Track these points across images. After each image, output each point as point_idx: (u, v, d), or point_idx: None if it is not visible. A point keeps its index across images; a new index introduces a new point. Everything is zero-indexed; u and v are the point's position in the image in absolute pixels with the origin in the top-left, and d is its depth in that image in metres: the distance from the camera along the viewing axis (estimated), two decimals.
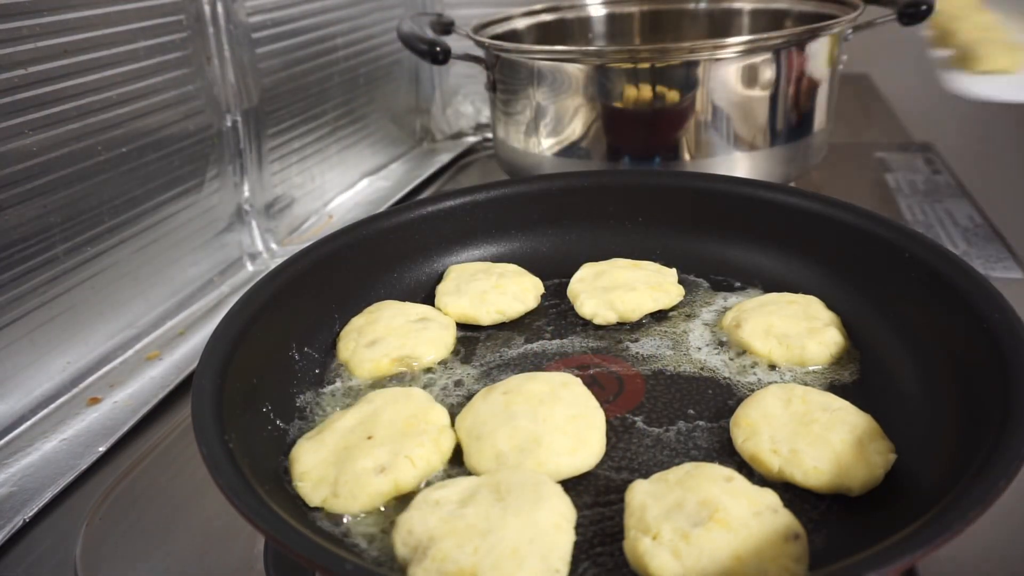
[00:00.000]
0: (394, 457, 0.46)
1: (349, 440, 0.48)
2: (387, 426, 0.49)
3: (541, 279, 0.68)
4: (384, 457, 0.46)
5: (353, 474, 0.46)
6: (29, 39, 0.61)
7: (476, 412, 0.50)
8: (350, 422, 0.50)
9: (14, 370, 0.63)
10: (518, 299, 0.64)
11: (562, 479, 0.46)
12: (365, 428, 0.49)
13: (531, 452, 0.47)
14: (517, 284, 0.65)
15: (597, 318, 0.62)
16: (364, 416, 0.50)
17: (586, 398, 0.51)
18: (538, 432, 0.48)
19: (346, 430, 0.49)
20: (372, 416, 0.50)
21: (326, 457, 0.47)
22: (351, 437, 0.48)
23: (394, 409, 0.50)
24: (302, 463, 0.47)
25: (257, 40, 0.88)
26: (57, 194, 0.65)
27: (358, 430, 0.49)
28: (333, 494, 0.45)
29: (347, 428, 0.49)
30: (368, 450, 0.47)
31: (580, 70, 0.81)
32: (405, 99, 1.24)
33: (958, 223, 0.91)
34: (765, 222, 0.66)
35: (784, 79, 0.81)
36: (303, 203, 1.00)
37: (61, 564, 0.51)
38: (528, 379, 0.52)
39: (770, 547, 0.38)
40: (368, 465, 0.46)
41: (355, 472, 0.46)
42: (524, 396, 0.50)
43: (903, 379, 0.52)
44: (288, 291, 0.57)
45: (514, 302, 0.64)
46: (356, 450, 0.47)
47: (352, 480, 0.45)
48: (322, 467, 0.47)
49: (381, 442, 0.47)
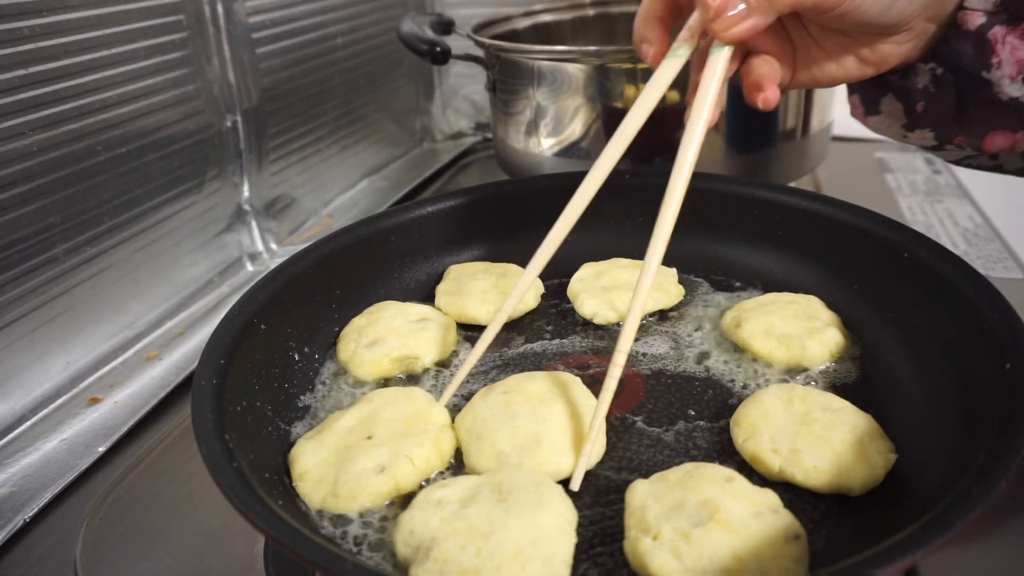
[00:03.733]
0: (394, 457, 0.46)
1: (349, 440, 0.48)
2: (387, 426, 0.49)
3: (541, 279, 0.67)
4: (384, 457, 0.46)
5: (353, 474, 0.46)
6: (29, 39, 0.61)
7: (476, 412, 0.50)
8: (350, 422, 0.50)
9: (14, 370, 0.63)
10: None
11: (563, 478, 0.46)
12: (365, 428, 0.49)
13: (532, 451, 0.47)
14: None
15: (597, 318, 0.62)
16: (364, 416, 0.50)
17: (586, 397, 0.51)
18: (539, 431, 0.48)
19: (346, 430, 0.49)
20: (372, 416, 0.50)
21: (326, 457, 0.47)
22: (351, 437, 0.48)
23: (394, 409, 0.50)
24: (302, 463, 0.47)
25: (257, 40, 0.88)
26: (57, 194, 0.65)
27: (358, 430, 0.49)
28: (333, 494, 0.45)
29: (347, 428, 0.49)
30: (368, 450, 0.47)
31: (580, 70, 0.81)
32: (405, 99, 1.24)
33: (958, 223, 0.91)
34: (765, 222, 0.66)
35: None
36: (303, 203, 1.00)
37: (61, 564, 0.51)
38: (528, 379, 0.52)
39: (770, 547, 0.38)
40: (368, 465, 0.46)
41: (355, 472, 0.46)
42: (524, 396, 0.50)
43: (903, 379, 0.52)
44: (288, 291, 0.57)
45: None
46: (356, 450, 0.47)
47: (352, 480, 0.45)
48: (322, 467, 0.47)
49: (381, 442, 0.47)
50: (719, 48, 0.48)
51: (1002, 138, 0.52)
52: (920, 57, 0.52)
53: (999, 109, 0.50)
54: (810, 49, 0.53)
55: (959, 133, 0.54)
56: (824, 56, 0.52)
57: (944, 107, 0.53)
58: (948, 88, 0.52)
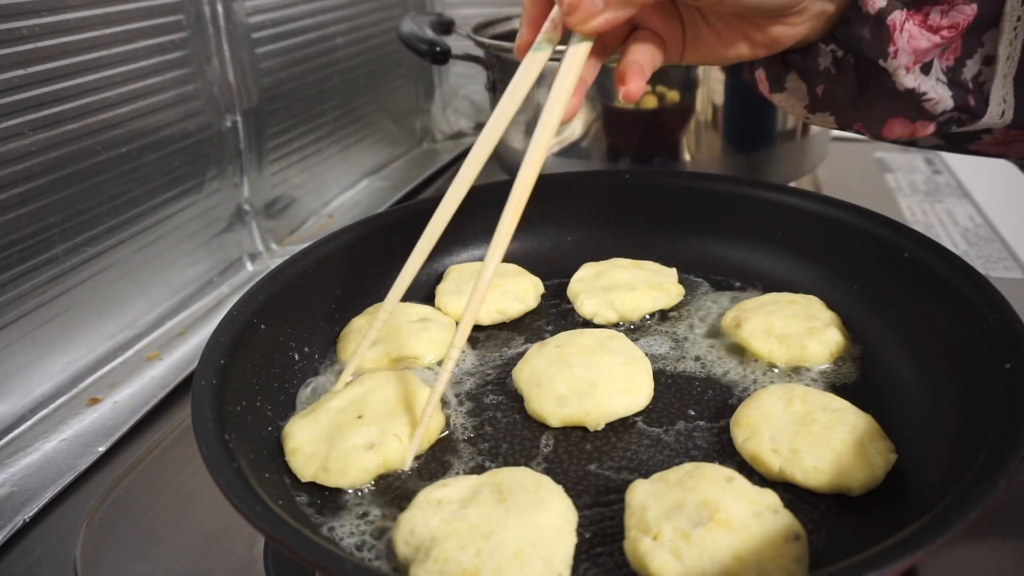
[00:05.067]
0: (383, 435, 0.48)
1: (340, 419, 0.50)
2: (377, 406, 0.51)
3: (541, 279, 0.67)
4: (373, 435, 0.48)
5: (343, 450, 0.47)
6: (29, 39, 0.61)
7: (532, 364, 0.54)
8: (342, 402, 0.51)
9: (14, 370, 0.63)
10: (518, 299, 0.64)
11: (617, 419, 0.51)
12: (356, 408, 0.51)
13: (589, 395, 0.51)
14: (517, 284, 0.65)
15: (597, 318, 0.63)
16: (356, 397, 0.52)
17: (632, 348, 0.55)
18: (593, 377, 0.52)
19: (338, 410, 0.51)
20: (363, 397, 0.52)
21: (318, 434, 0.49)
22: (342, 416, 0.50)
23: (384, 391, 0.52)
24: (294, 439, 0.49)
25: (257, 40, 0.88)
26: (57, 194, 0.65)
27: (349, 410, 0.51)
28: (324, 469, 0.47)
29: (339, 408, 0.51)
30: (358, 428, 0.49)
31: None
32: (405, 99, 1.24)
33: (958, 223, 0.91)
34: (765, 222, 0.66)
35: None
36: (303, 203, 1.00)
37: (61, 564, 0.51)
38: (577, 334, 0.57)
39: (771, 548, 0.38)
40: (358, 442, 0.48)
41: (345, 449, 0.47)
42: (576, 348, 0.55)
43: (903, 379, 0.52)
44: (288, 291, 0.57)
45: (514, 302, 0.64)
46: (347, 428, 0.49)
47: (342, 456, 0.47)
48: (314, 443, 0.48)
49: (371, 421, 0.49)
50: (578, 41, 0.47)
51: (900, 126, 0.50)
52: (821, 37, 0.49)
53: (897, 97, 0.48)
54: (699, 28, 0.50)
55: (858, 119, 0.52)
56: (713, 36, 0.50)
57: (845, 90, 0.50)
58: (849, 71, 0.49)
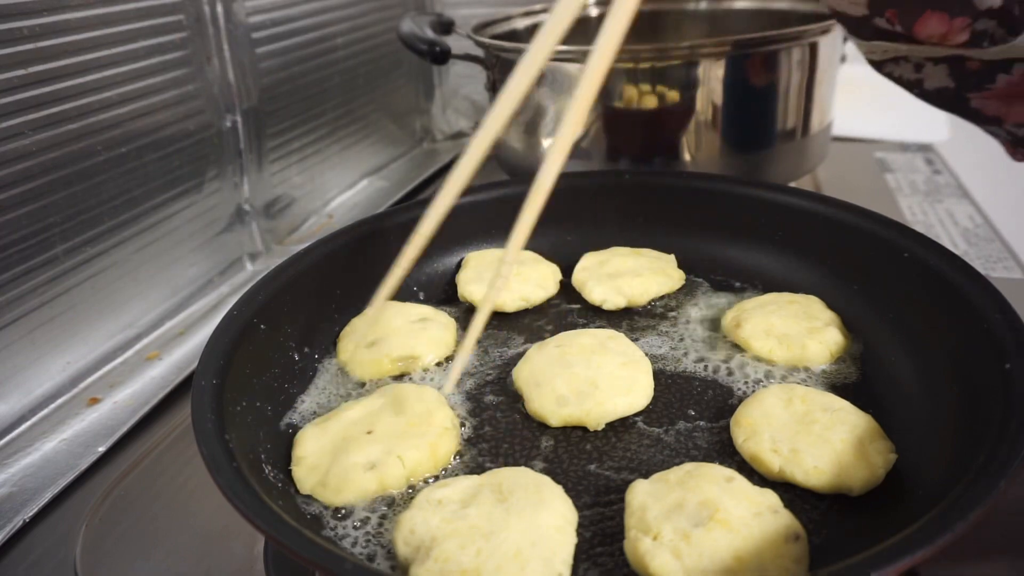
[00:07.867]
0: (387, 456, 0.47)
1: (350, 432, 0.49)
2: (390, 423, 0.50)
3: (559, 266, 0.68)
4: (376, 455, 0.47)
5: (343, 468, 0.47)
6: (29, 39, 0.61)
7: (533, 363, 0.54)
8: (358, 413, 0.51)
9: (14, 370, 0.63)
10: (540, 286, 0.65)
11: (617, 418, 0.51)
12: (368, 422, 0.50)
13: (589, 394, 0.51)
14: (537, 271, 0.66)
15: (607, 304, 0.64)
16: (371, 410, 0.51)
17: (632, 348, 0.55)
18: (594, 377, 0.52)
19: (351, 421, 0.50)
20: (378, 411, 0.51)
21: (325, 445, 0.49)
22: (353, 429, 0.50)
23: (401, 406, 0.51)
24: (302, 447, 0.49)
25: (257, 40, 0.88)
26: (57, 194, 0.65)
27: (361, 423, 0.50)
28: (322, 484, 0.46)
29: (352, 420, 0.50)
30: (364, 445, 0.48)
31: (580, 70, 0.80)
32: (405, 99, 1.24)
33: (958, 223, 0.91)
34: (765, 222, 0.66)
35: (784, 79, 0.81)
36: (303, 203, 1.00)
37: (61, 564, 0.51)
38: (577, 335, 0.57)
39: (771, 547, 0.38)
40: (359, 461, 0.47)
41: (345, 466, 0.47)
42: (577, 348, 0.55)
43: (903, 379, 0.52)
44: (288, 291, 0.57)
45: (537, 289, 0.65)
46: (353, 443, 0.48)
47: (341, 473, 0.46)
48: (319, 454, 0.48)
49: (379, 439, 0.48)
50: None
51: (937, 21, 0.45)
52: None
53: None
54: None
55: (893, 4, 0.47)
56: None
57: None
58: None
